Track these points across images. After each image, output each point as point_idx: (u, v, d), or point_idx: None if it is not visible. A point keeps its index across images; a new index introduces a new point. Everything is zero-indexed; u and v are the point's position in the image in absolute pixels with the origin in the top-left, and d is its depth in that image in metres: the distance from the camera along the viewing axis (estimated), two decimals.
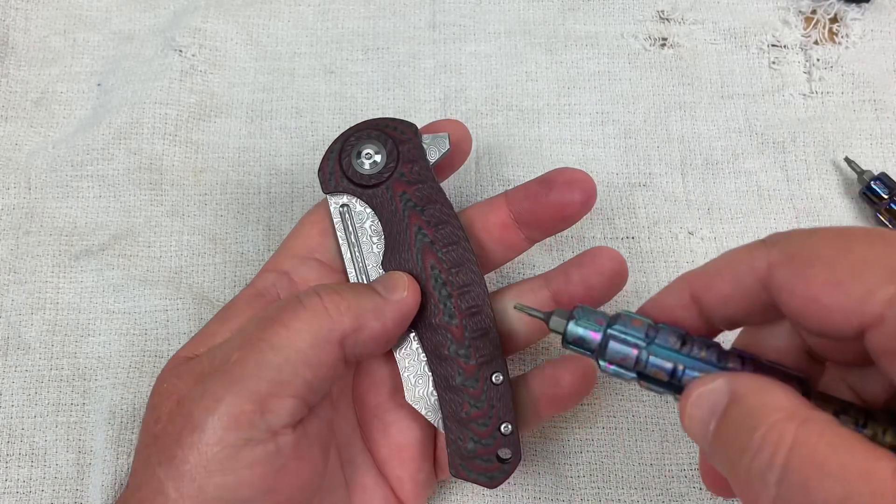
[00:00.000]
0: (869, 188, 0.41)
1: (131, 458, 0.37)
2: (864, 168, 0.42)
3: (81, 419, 0.38)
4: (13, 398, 0.39)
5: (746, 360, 0.24)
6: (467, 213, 0.35)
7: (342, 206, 0.34)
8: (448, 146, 0.34)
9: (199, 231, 0.42)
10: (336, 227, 0.33)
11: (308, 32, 0.47)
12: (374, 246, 0.33)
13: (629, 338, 0.25)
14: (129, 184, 0.42)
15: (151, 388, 0.30)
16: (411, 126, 0.34)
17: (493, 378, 0.33)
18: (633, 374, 0.25)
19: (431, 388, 0.33)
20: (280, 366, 0.27)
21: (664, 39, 0.46)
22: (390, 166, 0.33)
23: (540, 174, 0.34)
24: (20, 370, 0.39)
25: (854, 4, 0.45)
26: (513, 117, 0.44)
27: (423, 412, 0.33)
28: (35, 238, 0.42)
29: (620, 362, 0.25)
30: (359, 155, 0.34)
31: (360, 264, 0.33)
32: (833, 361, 0.25)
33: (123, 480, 0.37)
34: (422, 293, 0.32)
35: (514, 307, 0.29)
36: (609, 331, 0.26)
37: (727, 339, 0.26)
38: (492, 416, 0.32)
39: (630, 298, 0.39)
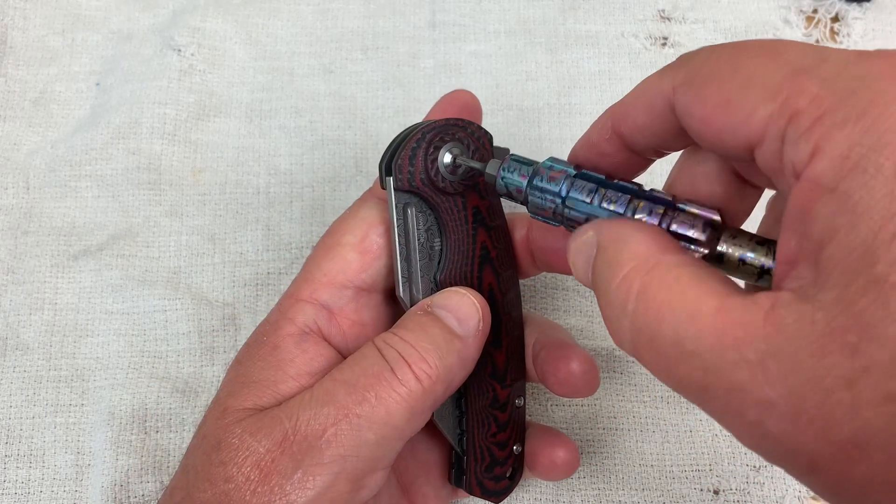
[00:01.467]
0: None
1: (131, 459, 0.37)
2: None
3: (80, 420, 0.38)
4: (11, 399, 0.39)
5: (658, 202, 0.24)
6: None
7: (404, 205, 0.30)
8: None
9: (198, 231, 0.42)
10: (395, 230, 0.30)
11: (307, 32, 0.47)
12: (426, 255, 0.30)
13: (548, 193, 0.26)
14: (127, 184, 0.42)
15: (204, 429, 0.28)
16: (489, 135, 0.31)
17: (517, 402, 0.33)
18: (558, 224, 0.26)
19: (454, 408, 0.32)
20: (377, 443, 0.26)
21: (665, 39, 0.46)
22: (471, 176, 0.31)
23: None
24: (18, 371, 0.39)
25: (855, 4, 0.45)
26: (513, 117, 0.44)
27: (444, 431, 0.32)
28: (33, 238, 0.41)
29: (543, 214, 0.26)
30: (445, 156, 0.30)
31: (414, 273, 0.30)
32: (757, 185, 0.24)
33: (122, 481, 0.36)
34: None
35: (456, 160, 0.30)
36: (529, 187, 0.26)
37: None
38: (511, 438, 0.33)
39: None
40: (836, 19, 0.46)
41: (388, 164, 0.29)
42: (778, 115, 0.18)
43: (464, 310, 0.29)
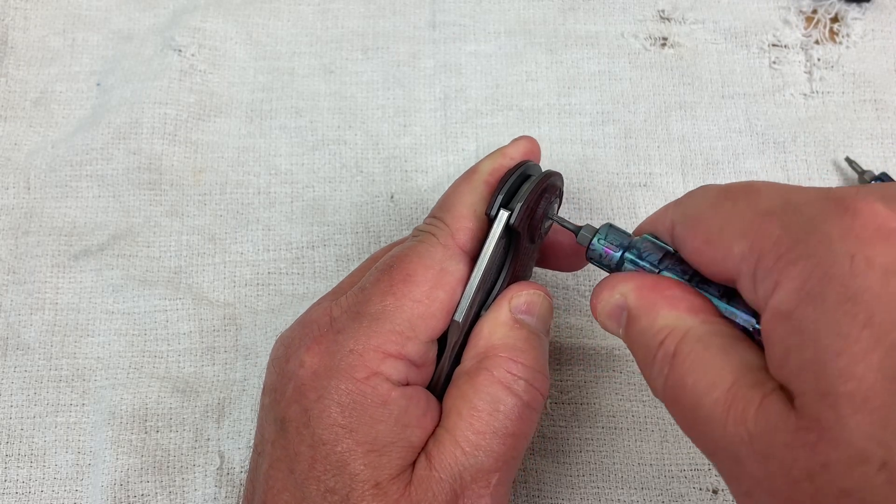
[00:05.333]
0: None
1: (131, 459, 0.37)
2: (865, 168, 0.42)
3: (81, 419, 0.38)
4: (12, 398, 0.39)
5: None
6: None
7: (506, 241, 0.31)
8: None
9: (199, 231, 0.42)
10: (485, 262, 0.30)
11: (308, 32, 0.47)
12: (487, 288, 0.31)
13: (643, 263, 0.27)
14: (128, 184, 0.42)
15: None
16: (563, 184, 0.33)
17: None
18: None
19: None
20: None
21: (664, 39, 0.46)
22: (548, 225, 0.32)
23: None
24: (19, 370, 0.39)
25: (855, 4, 0.45)
26: (513, 117, 0.44)
27: None
28: (34, 238, 0.42)
29: None
30: (548, 208, 0.31)
31: (475, 303, 0.30)
32: None
33: (122, 480, 0.36)
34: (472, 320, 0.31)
35: (549, 217, 0.31)
36: (626, 253, 0.27)
37: None
38: None
39: None
40: (835, 19, 0.46)
41: (507, 199, 0.30)
42: (749, 255, 0.22)
43: (545, 311, 0.31)
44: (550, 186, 0.31)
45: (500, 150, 0.33)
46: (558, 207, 0.33)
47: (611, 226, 0.29)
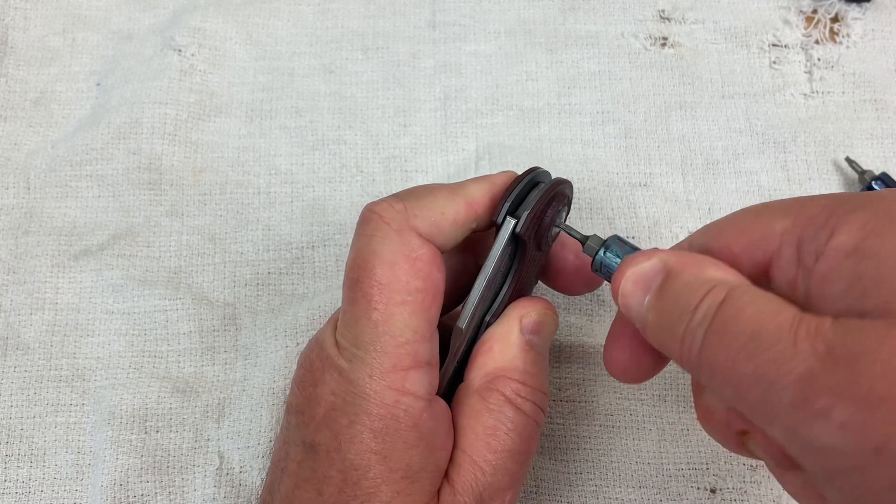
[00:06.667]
0: (870, 188, 0.41)
1: (131, 459, 0.37)
2: (865, 168, 0.42)
3: (80, 419, 0.38)
4: (12, 398, 0.39)
5: None
6: None
7: (512, 249, 0.30)
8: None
9: (199, 231, 0.42)
10: (491, 270, 0.29)
11: (308, 32, 0.47)
12: (491, 295, 0.31)
13: None
14: (128, 184, 0.42)
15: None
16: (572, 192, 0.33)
17: None
18: None
19: None
20: None
21: (665, 39, 0.46)
22: (555, 233, 0.32)
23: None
24: (19, 370, 0.39)
25: (855, 4, 0.45)
26: (513, 117, 0.44)
27: None
28: (34, 238, 0.42)
29: None
30: (555, 216, 0.31)
31: (479, 310, 0.30)
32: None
33: (122, 480, 0.37)
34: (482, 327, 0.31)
35: (557, 225, 0.31)
36: None
37: None
38: None
39: None
40: (835, 19, 0.46)
41: (515, 206, 0.30)
42: (792, 227, 0.22)
43: (552, 330, 0.32)
44: (559, 195, 0.31)
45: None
46: (566, 215, 0.33)
47: (618, 238, 0.28)
